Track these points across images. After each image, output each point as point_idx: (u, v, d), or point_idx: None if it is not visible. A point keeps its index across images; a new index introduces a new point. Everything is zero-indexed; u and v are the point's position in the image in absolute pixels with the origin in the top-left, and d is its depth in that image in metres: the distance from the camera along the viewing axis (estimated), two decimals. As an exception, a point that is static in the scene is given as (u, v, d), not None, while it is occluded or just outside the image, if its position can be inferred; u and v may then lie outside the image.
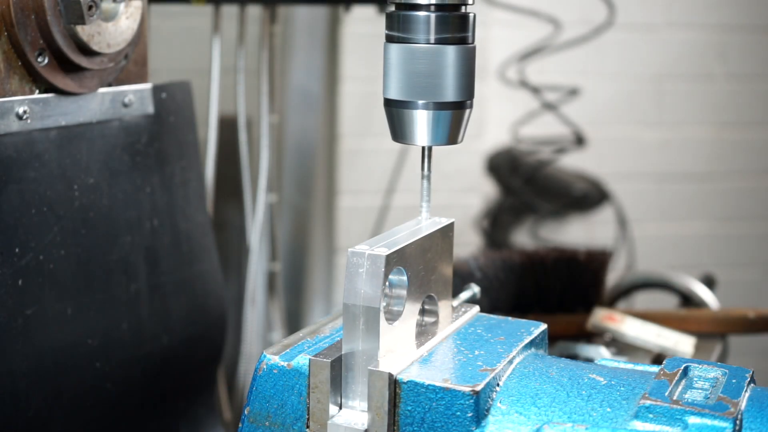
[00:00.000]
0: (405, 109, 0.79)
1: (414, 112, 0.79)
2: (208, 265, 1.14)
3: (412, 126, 0.80)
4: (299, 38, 1.99)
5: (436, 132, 0.79)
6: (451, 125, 0.80)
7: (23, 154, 0.91)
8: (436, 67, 0.78)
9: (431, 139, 0.80)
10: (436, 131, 0.79)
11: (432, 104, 0.79)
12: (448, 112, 0.79)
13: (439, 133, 0.80)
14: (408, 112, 0.79)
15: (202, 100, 1.27)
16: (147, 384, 1.06)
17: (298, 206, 2.07)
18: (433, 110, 0.79)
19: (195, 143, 1.12)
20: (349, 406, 0.73)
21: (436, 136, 0.80)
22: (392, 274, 0.75)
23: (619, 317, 1.25)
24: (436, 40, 0.78)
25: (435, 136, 0.80)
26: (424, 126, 0.79)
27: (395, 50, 0.79)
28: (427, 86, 0.78)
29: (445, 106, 0.79)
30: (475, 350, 0.77)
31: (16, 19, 0.88)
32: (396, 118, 0.80)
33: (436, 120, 0.79)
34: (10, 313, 0.89)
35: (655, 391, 0.69)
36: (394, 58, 0.79)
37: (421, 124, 0.79)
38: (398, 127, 0.80)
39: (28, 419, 0.92)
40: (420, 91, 0.78)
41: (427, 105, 0.79)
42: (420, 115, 0.79)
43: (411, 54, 0.78)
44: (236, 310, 1.52)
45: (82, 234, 0.97)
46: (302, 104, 2.02)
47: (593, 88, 2.57)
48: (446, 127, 0.79)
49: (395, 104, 0.80)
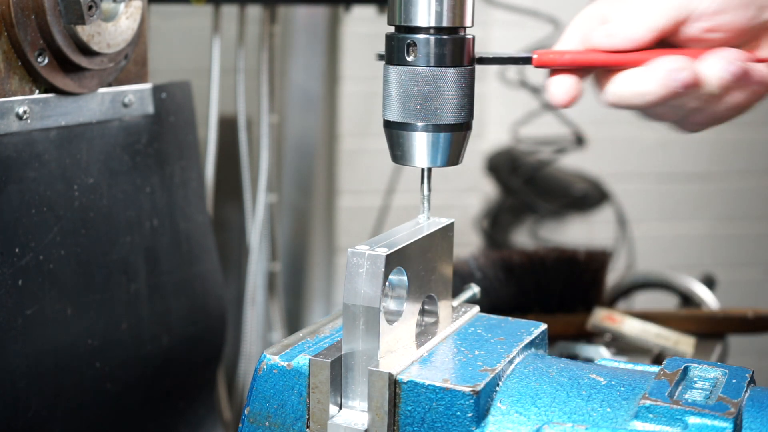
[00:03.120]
0: (404, 131, 0.80)
1: (413, 134, 0.80)
2: (208, 265, 1.14)
3: (411, 148, 0.80)
4: (299, 38, 1.99)
5: (435, 154, 0.80)
6: (451, 147, 0.80)
7: (23, 154, 0.91)
8: (435, 89, 0.79)
9: (430, 160, 0.81)
10: (435, 153, 0.80)
11: (431, 126, 0.79)
12: (448, 134, 0.80)
13: (438, 154, 0.80)
14: (407, 134, 0.80)
15: (202, 100, 1.27)
16: (147, 384, 1.06)
17: (298, 206, 2.07)
18: (432, 132, 0.79)
19: (195, 143, 1.12)
20: (349, 406, 0.73)
21: (435, 158, 0.80)
22: (392, 274, 0.75)
23: (619, 317, 1.25)
24: (435, 63, 0.78)
25: (434, 158, 0.80)
26: (423, 148, 0.80)
27: (395, 72, 0.79)
28: (425, 108, 0.79)
29: (444, 128, 0.79)
30: (475, 350, 0.77)
31: (16, 19, 0.88)
32: (395, 140, 0.81)
33: (435, 142, 0.80)
34: (10, 313, 0.89)
35: (655, 391, 0.69)
36: (393, 80, 0.80)
37: (420, 145, 0.80)
38: (397, 148, 0.81)
39: (28, 419, 0.92)
40: (419, 113, 0.79)
41: (426, 127, 0.79)
42: (419, 137, 0.80)
43: (410, 76, 0.79)
44: (236, 310, 1.52)
45: (82, 234, 0.97)
46: (302, 104, 2.02)
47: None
48: (446, 148, 0.80)
49: (394, 126, 0.80)
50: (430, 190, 0.83)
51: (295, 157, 2.03)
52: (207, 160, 1.35)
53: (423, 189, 0.83)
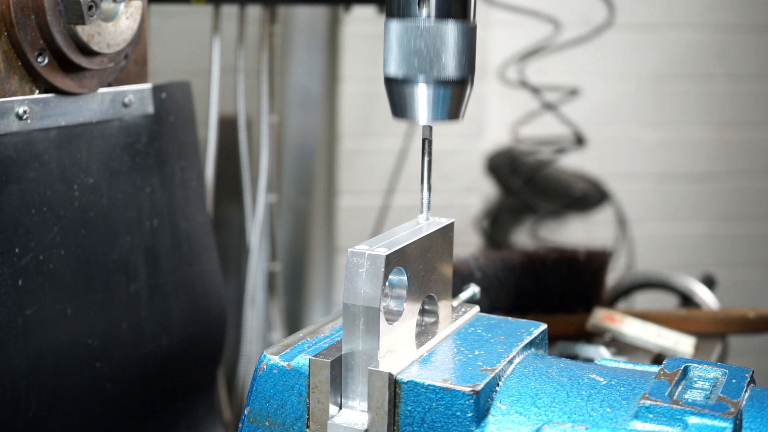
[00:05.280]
0: (405, 85, 0.79)
1: (414, 89, 0.79)
2: (208, 265, 1.14)
3: (412, 102, 0.80)
4: (299, 38, 1.99)
5: (437, 108, 0.79)
6: (452, 101, 0.80)
7: (23, 154, 0.91)
8: (436, 43, 0.78)
9: (432, 115, 0.80)
10: (437, 107, 0.79)
11: (433, 80, 0.79)
12: (449, 89, 0.79)
13: (439, 109, 0.79)
14: (408, 88, 0.79)
15: (202, 100, 1.27)
16: (147, 384, 1.06)
17: (298, 206, 2.07)
18: (434, 86, 0.79)
19: (195, 143, 1.12)
20: (349, 406, 0.73)
21: (437, 113, 0.80)
22: (392, 274, 0.75)
23: (619, 317, 1.25)
24: (436, 17, 0.78)
25: (435, 113, 0.80)
26: (424, 102, 0.79)
27: (395, 27, 0.79)
28: (427, 63, 0.78)
29: (445, 83, 0.79)
30: (475, 350, 0.77)
31: (16, 19, 0.88)
32: (396, 95, 0.80)
33: (437, 96, 0.79)
34: (10, 313, 0.89)
35: (655, 391, 0.69)
36: (394, 34, 0.79)
37: (421, 100, 0.79)
38: (398, 103, 0.80)
39: (28, 419, 0.92)
40: (420, 67, 0.78)
41: (427, 81, 0.79)
42: (420, 91, 0.79)
43: (411, 31, 0.78)
44: (236, 310, 1.52)
45: (82, 234, 0.97)
46: (302, 104, 2.02)
47: (593, 88, 2.57)
48: (447, 103, 0.79)
49: (395, 81, 0.80)
50: (431, 190, 0.82)
51: (295, 157, 2.03)
52: (207, 160, 1.35)
53: (423, 189, 0.82)
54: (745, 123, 2.73)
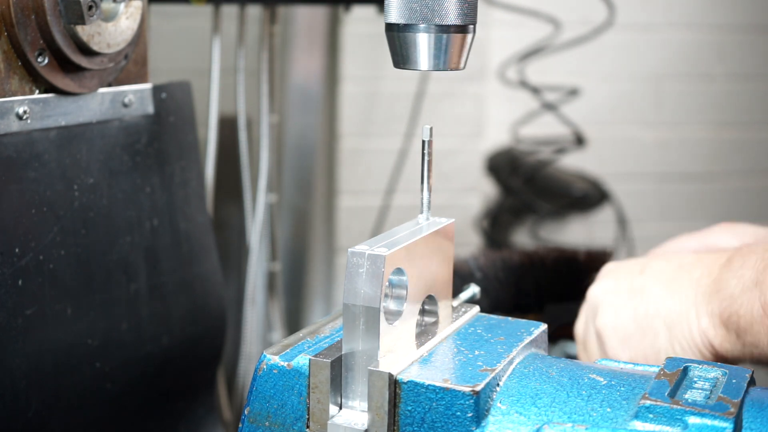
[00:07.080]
0: (406, 32, 0.79)
1: (416, 36, 0.79)
2: (208, 265, 1.14)
3: (414, 49, 0.79)
4: (299, 38, 1.99)
5: (438, 56, 0.79)
6: (453, 49, 0.79)
7: (23, 154, 0.91)
8: None
9: (433, 63, 0.79)
10: (438, 55, 0.79)
11: (434, 27, 0.78)
12: (450, 35, 0.79)
13: (441, 57, 0.79)
14: (410, 36, 0.79)
15: (202, 100, 1.27)
16: (147, 384, 1.06)
17: (298, 206, 2.07)
18: (435, 33, 0.78)
19: (195, 143, 1.12)
20: (349, 406, 0.73)
21: (438, 61, 0.79)
22: (392, 274, 0.75)
23: (619, 317, 1.25)
24: None
25: (437, 61, 0.79)
26: (425, 49, 0.79)
27: None
28: (429, 8, 0.78)
29: (446, 29, 0.78)
30: (475, 350, 0.77)
31: (16, 19, 0.88)
32: (397, 43, 0.79)
33: (438, 43, 0.79)
34: (10, 313, 0.89)
35: (655, 391, 0.69)
36: None
37: (422, 47, 0.79)
38: (400, 51, 0.80)
39: (28, 419, 0.92)
40: (422, 13, 0.78)
41: (428, 28, 0.78)
42: (422, 38, 0.79)
43: None
44: (236, 310, 1.52)
45: (82, 234, 0.97)
46: (302, 104, 2.02)
47: (593, 88, 2.57)
48: (448, 50, 0.79)
49: (396, 28, 0.79)
50: (431, 190, 0.82)
51: (295, 157, 2.04)
52: (207, 160, 1.35)
53: (423, 189, 0.82)
54: (744, 123, 2.74)
